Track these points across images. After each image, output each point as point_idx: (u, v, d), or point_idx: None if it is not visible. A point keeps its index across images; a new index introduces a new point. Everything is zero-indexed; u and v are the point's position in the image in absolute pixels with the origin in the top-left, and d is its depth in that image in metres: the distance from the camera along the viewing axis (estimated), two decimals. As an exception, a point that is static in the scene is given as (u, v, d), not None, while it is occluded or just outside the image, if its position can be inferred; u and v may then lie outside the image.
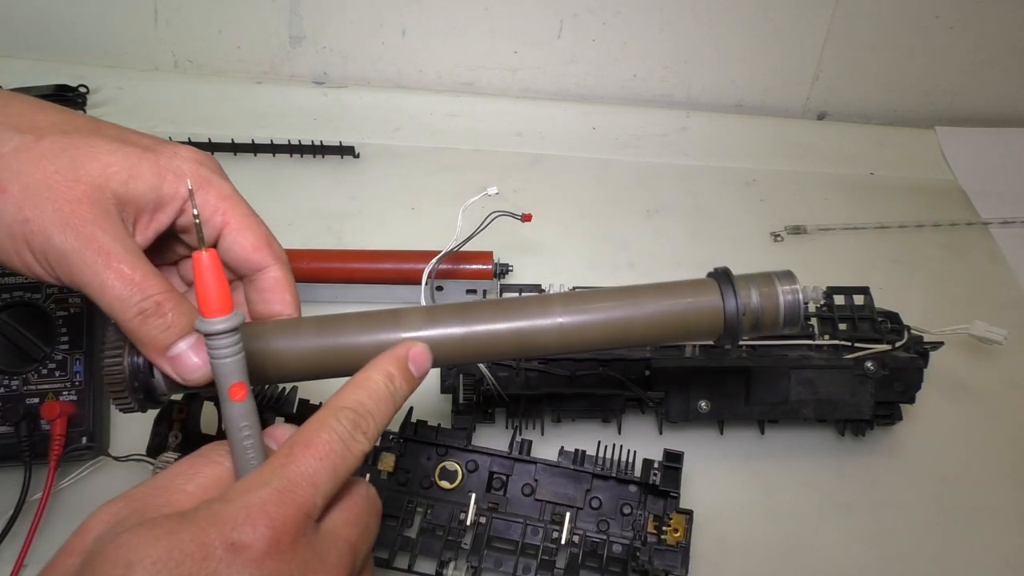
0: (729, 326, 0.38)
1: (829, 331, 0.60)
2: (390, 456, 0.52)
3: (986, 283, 0.75)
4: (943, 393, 0.65)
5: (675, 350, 0.58)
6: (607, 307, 0.38)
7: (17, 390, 0.52)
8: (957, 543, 0.57)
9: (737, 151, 0.88)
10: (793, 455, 0.60)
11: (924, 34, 0.89)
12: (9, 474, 0.53)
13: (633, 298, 0.39)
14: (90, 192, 0.34)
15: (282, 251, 0.39)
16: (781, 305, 0.39)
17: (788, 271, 0.40)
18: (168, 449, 0.52)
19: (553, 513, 0.51)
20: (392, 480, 0.52)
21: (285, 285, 0.39)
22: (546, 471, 0.52)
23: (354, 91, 0.91)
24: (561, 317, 0.38)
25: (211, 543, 0.27)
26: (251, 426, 0.32)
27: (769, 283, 0.40)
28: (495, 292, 0.64)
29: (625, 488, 0.52)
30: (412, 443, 0.53)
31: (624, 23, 0.88)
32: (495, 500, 0.52)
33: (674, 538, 0.50)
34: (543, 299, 0.38)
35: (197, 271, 0.30)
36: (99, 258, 0.33)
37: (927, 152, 0.90)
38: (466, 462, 0.53)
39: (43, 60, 0.91)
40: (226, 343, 0.30)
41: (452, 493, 0.52)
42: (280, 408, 0.53)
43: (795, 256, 0.77)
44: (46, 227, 0.33)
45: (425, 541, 0.50)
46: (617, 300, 0.38)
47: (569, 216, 0.78)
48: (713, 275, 0.41)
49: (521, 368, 0.56)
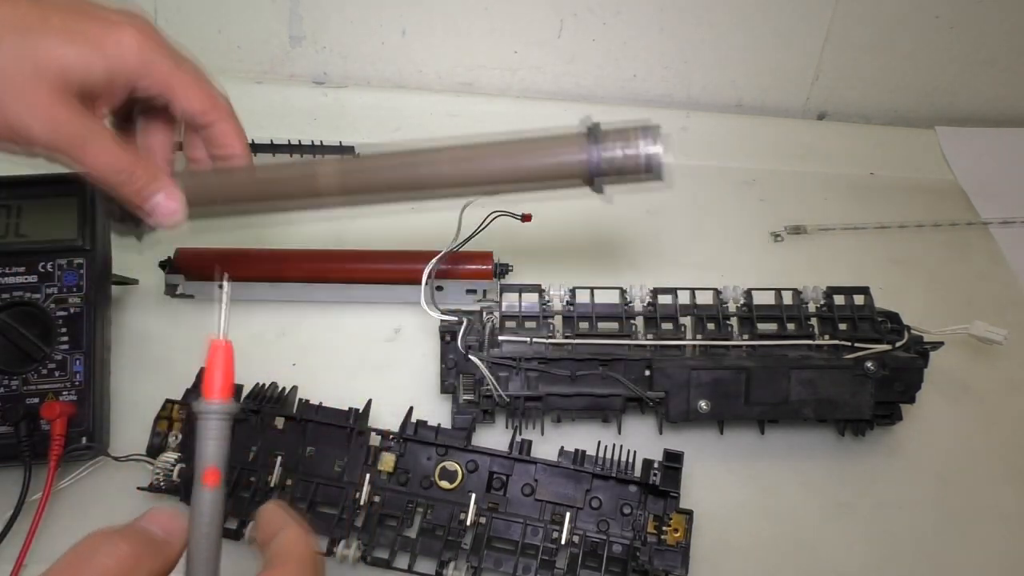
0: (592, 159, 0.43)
1: (829, 331, 0.60)
2: (390, 456, 0.52)
3: (986, 283, 0.75)
4: (943, 393, 0.65)
5: (675, 350, 0.58)
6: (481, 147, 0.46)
7: (17, 390, 0.52)
8: (957, 543, 0.57)
9: (737, 151, 0.88)
10: (793, 455, 0.60)
11: (924, 34, 0.89)
12: (9, 474, 0.53)
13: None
14: (54, 88, 0.38)
15: (228, 104, 0.45)
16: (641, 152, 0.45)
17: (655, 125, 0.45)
18: (168, 449, 0.52)
19: (553, 513, 0.52)
20: (392, 480, 0.52)
21: (234, 135, 0.45)
22: (546, 471, 0.52)
23: (354, 91, 0.91)
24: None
25: None
26: (213, 523, 0.33)
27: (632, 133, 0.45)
28: (495, 292, 0.64)
29: (625, 488, 0.52)
30: (412, 443, 0.53)
31: (624, 23, 0.88)
32: (495, 500, 0.52)
33: (674, 538, 0.50)
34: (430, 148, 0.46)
35: (210, 358, 0.34)
36: (75, 146, 0.39)
37: (927, 152, 0.90)
38: (466, 462, 0.53)
39: (43, 60, 0.91)
40: (215, 426, 0.33)
41: (452, 493, 0.52)
42: (281, 409, 0.53)
43: (795, 256, 0.77)
44: (25, 122, 0.38)
45: (425, 541, 0.50)
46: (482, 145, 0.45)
47: (569, 216, 0.78)
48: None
49: (521, 368, 0.56)
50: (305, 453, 0.52)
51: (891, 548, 0.56)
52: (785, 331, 0.60)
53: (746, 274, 0.71)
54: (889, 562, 0.55)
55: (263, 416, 0.53)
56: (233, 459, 0.49)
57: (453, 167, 0.45)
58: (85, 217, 0.56)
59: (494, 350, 0.56)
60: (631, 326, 0.59)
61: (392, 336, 0.66)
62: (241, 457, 0.52)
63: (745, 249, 0.77)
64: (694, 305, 0.61)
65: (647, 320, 0.60)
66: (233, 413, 0.33)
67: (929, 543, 0.57)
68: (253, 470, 0.52)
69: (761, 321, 0.60)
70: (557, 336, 0.58)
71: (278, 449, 0.52)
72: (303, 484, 0.51)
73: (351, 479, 0.51)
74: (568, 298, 0.60)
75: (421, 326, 0.66)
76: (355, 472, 0.51)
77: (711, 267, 0.74)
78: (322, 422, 0.53)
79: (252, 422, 0.53)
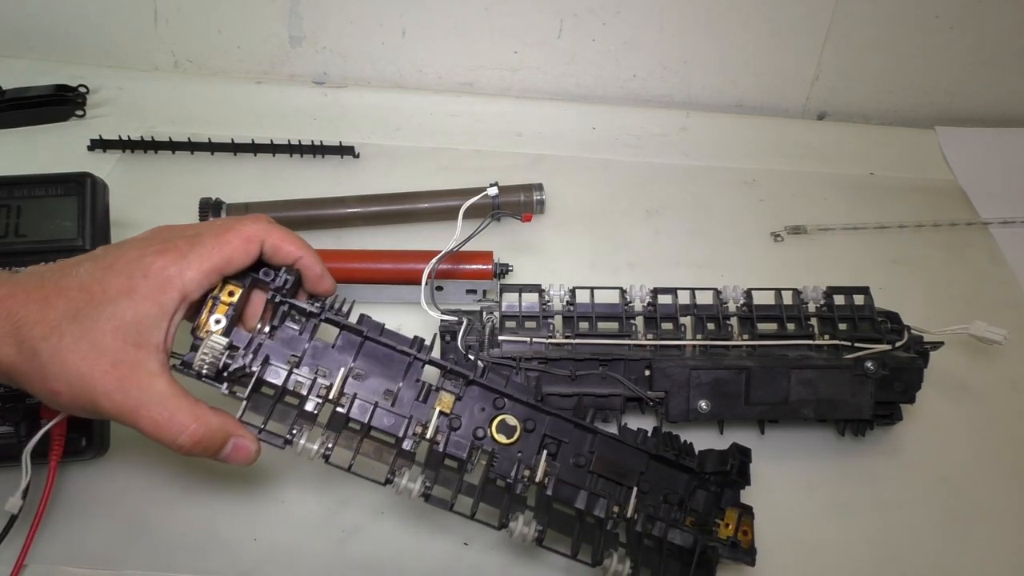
0: None
1: (829, 331, 0.60)
2: (449, 397, 0.49)
3: (986, 283, 0.75)
4: (943, 393, 0.65)
5: (675, 350, 0.58)
6: None
7: (17, 390, 0.52)
8: (957, 543, 0.57)
9: (737, 151, 0.88)
10: (793, 455, 0.60)
11: (924, 34, 0.89)
12: (9, 474, 0.53)
13: None
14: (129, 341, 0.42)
15: (308, 245, 0.50)
16: None
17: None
18: (212, 331, 0.47)
19: (600, 487, 0.50)
20: (443, 420, 0.49)
21: (314, 263, 0.50)
22: (603, 445, 0.50)
23: (354, 91, 0.91)
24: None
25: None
26: None
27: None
28: (495, 292, 0.64)
29: (677, 478, 0.51)
30: (476, 386, 0.50)
31: (624, 23, 0.88)
32: (547, 464, 0.49)
33: (725, 533, 0.50)
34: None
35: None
36: (139, 410, 0.42)
37: (927, 152, 0.90)
38: (524, 419, 0.50)
39: (43, 60, 0.91)
40: None
41: (507, 448, 0.49)
42: (338, 321, 0.50)
43: (795, 256, 0.77)
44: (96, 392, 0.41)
45: (489, 490, 0.48)
46: None
47: (569, 216, 0.78)
48: None
49: (521, 368, 0.56)
50: (354, 372, 0.49)
51: (891, 548, 0.56)
52: (785, 331, 0.60)
53: (746, 274, 0.72)
54: (889, 562, 0.55)
55: (318, 322, 0.49)
56: (276, 360, 0.47)
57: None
58: (85, 217, 0.56)
59: (494, 350, 0.56)
60: (631, 326, 0.59)
61: (392, 336, 0.66)
62: (284, 361, 0.48)
63: (745, 249, 0.77)
64: (694, 305, 0.61)
65: (647, 320, 0.60)
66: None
67: (929, 543, 0.57)
68: (300, 376, 0.48)
69: (761, 321, 0.60)
70: (557, 336, 0.58)
71: (323, 364, 0.49)
72: (360, 405, 0.48)
73: (400, 411, 0.48)
74: (568, 298, 0.60)
75: (421, 326, 0.65)
76: (406, 407, 0.49)
77: (711, 267, 0.74)
78: (383, 343, 0.49)
79: (300, 327, 0.49)
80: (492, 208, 0.70)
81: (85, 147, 0.80)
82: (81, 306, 0.41)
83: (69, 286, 0.41)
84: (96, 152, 0.80)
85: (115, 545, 0.52)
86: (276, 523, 0.54)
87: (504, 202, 0.74)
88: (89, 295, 0.41)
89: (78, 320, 0.41)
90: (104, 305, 0.41)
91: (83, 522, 0.53)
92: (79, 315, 0.41)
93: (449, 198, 0.74)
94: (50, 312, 0.40)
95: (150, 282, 0.42)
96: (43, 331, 0.40)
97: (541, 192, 0.76)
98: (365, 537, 0.54)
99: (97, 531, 0.53)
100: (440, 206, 0.74)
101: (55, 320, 0.40)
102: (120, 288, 0.41)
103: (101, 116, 0.86)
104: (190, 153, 0.81)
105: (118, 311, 0.41)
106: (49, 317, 0.40)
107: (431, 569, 0.53)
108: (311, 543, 0.53)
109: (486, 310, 0.60)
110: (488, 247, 0.66)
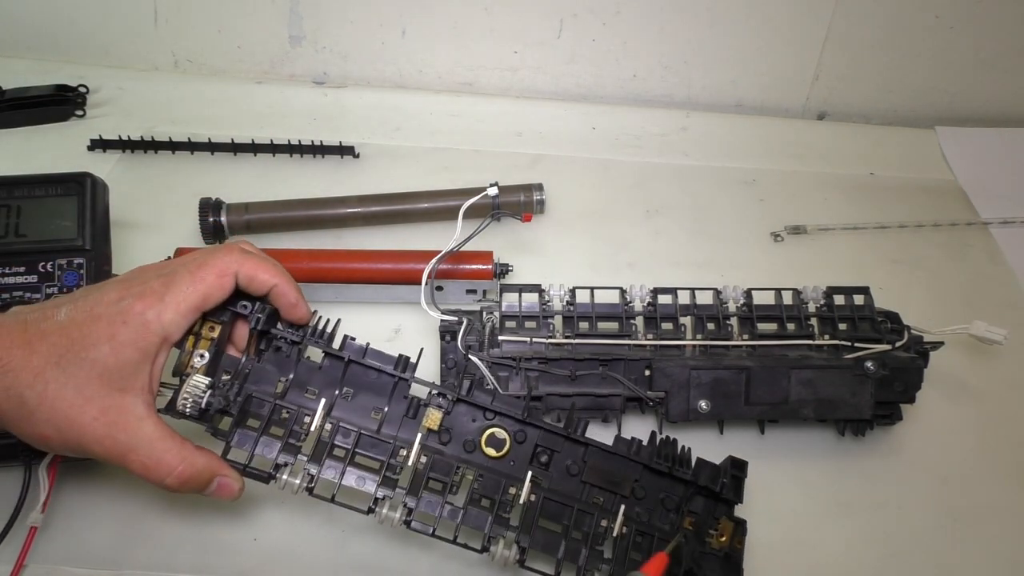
0: None
1: (829, 331, 0.60)
2: (437, 414, 0.49)
3: (986, 283, 0.75)
4: (943, 393, 0.65)
5: (675, 350, 0.58)
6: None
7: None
8: (957, 543, 0.57)
9: (737, 151, 0.88)
10: (793, 455, 0.60)
11: (924, 34, 0.89)
12: (9, 474, 0.53)
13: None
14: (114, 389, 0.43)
15: (283, 270, 0.50)
16: None
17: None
18: (193, 370, 0.48)
19: (594, 498, 0.50)
20: (432, 437, 0.49)
21: (288, 289, 0.49)
22: (596, 454, 0.50)
23: (354, 91, 0.91)
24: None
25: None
26: None
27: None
28: (495, 292, 0.64)
29: (673, 484, 0.51)
30: (463, 404, 0.50)
31: (624, 23, 0.88)
32: (538, 475, 0.49)
33: (719, 543, 0.49)
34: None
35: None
36: (128, 455, 0.43)
37: (927, 152, 0.90)
38: (515, 432, 0.50)
39: (43, 60, 0.91)
40: None
41: (497, 462, 0.49)
42: (325, 343, 0.50)
43: (795, 256, 0.77)
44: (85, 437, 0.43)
45: (472, 512, 0.48)
46: None
47: (569, 216, 0.78)
48: None
49: (521, 368, 0.56)
50: (342, 393, 0.49)
51: (891, 548, 0.56)
52: (785, 331, 0.60)
53: (746, 274, 0.72)
54: (889, 562, 0.55)
55: (301, 348, 0.50)
56: (261, 390, 0.48)
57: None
58: (85, 217, 0.56)
59: (494, 350, 0.56)
60: (631, 326, 0.59)
61: (392, 336, 0.66)
62: (270, 389, 0.49)
63: (745, 249, 0.77)
64: (694, 305, 0.61)
65: (647, 320, 0.60)
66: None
67: (929, 543, 0.57)
68: (284, 408, 0.48)
69: (761, 321, 0.60)
70: (557, 336, 0.58)
71: (311, 386, 0.49)
72: (343, 431, 0.48)
73: (389, 431, 0.49)
74: (568, 298, 0.60)
75: (421, 326, 0.66)
76: (394, 424, 0.49)
77: (711, 267, 0.74)
78: (367, 365, 0.49)
79: (286, 351, 0.50)
80: (492, 208, 0.70)
81: (85, 147, 0.80)
82: (64, 352, 0.41)
83: (50, 330, 0.42)
84: (96, 152, 0.80)
85: (115, 545, 0.52)
86: (276, 523, 0.54)
87: (504, 202, 0.74)
88: (70, 341, 0.42)
89: (61, 366, 0.41)
90: (86, 351, 0.42)
91: (83, 522, 0.53)
92: (62, 361, 0.41)
93: (449, 198, 0.74)
94: (33, 358, 0.41)
95: (130, 328, 0.42)
96: (27, 378, 0.41)
97: (541, 192, 0.76)
98: (365, 537, 0.54)
99: (97, 531, 0.53)
100: (440, 206, 0.74)
101: (39, 366, 0.41)
102: (101, 335, 0.42)
103: (101, 116, 0.85)
104: (190, 153, 0.81)
105: (100, 357, 0.42)
106: (33, 363, 0.41)
107: (431, 569, 0.53)
108: (311, 543, 0.53)
109: (486, 310, 0.60)
110: (488, 247, 0.66)
